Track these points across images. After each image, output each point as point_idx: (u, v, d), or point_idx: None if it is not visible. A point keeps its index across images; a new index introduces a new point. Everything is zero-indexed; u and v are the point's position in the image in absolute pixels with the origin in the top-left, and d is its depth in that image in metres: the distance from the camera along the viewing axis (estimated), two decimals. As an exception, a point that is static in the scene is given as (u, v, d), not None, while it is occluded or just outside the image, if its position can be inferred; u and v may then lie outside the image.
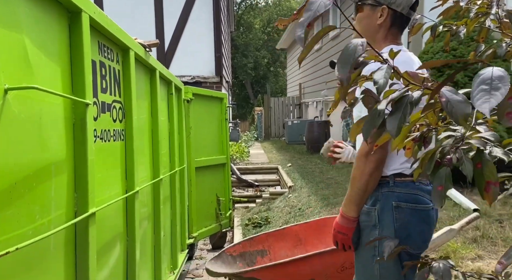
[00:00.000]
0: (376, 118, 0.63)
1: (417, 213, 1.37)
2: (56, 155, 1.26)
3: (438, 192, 0.59)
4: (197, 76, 6.46)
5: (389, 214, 1.36)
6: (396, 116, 0.63)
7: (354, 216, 1.39)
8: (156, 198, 2.67)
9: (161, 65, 2.80)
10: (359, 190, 1.36)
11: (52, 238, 1.22)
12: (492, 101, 0.51)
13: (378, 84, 0.61)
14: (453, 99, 0.59)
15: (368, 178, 1.34)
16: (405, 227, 1.35)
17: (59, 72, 1.32)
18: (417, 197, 1.37)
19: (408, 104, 0.62)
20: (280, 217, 4.64)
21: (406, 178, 1.38)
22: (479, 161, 0.58)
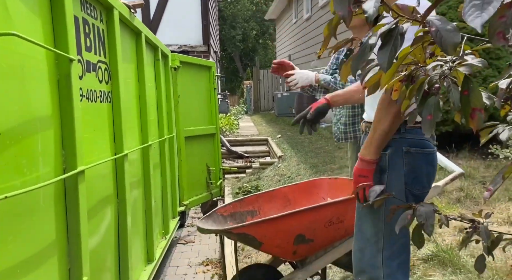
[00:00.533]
0: (365, 53, 0.63)
1: (425, 156, 1.43)
2: (41, 110, 1.24)
3: (428, 121, 0.60)
4: (184, 45, 6.33)
5: (400, 158, 1.41)
6: (386, 49, 0.62)
7: (373, 159, 1.40)
8: (145, 164, 2.67)
9: (147, 29, 2.73)
10: (383, 132, 1.36)
11: (42, 192, 1.22)
12: (484, 16, 0.50)
13: (368, 14, 0.60)
14: (443, 28, 0.58)
15: (392, 119, 1.34)
16: (414, 169, 1.41)
17: (39, 25, 1.28)
18: (424, 142, 1.43)
19: (398, 36, 0.61)
20: (270, 185, 4.71)
21: (415, 124, 1.41)
22: (466, 88, 0.59)
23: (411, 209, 1.06)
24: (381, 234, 1.41)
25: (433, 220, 1.02)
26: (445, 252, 2.29)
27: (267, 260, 2.18)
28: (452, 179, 1.88)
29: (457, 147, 4.19)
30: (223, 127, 9.01)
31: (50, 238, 1.28)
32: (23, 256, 1.12)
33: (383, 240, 1.41)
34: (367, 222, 1.44)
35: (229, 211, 2.04)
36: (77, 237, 1.41)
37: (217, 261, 3.42)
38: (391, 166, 1.42)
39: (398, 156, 1.41)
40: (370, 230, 1.43)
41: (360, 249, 1.46)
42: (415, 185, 1.36)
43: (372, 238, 1.42)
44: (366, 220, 1.44)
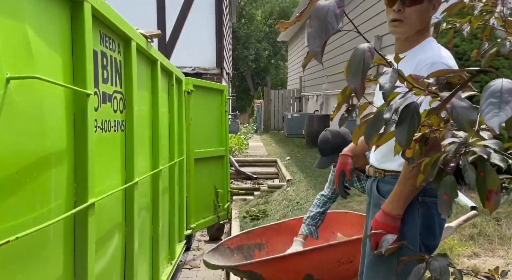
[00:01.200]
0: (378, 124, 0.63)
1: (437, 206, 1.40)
2: (56, 145, 1.26)
3: (444, 201, 0.59)
4: (198, 67, 6.43)
5: (415, 209, 1.38)
6: (404, 127, 0.61)
7: (400, 214, 1.35)
8: (155, 189, 2.67)
9: (162, 56, 2.79)
10: (413, 187, 1.31)
11: (52, 228, 1.22)
12: (501, 116, 0.50)
13: (384, 89, 0.60)
14: (459, 105, 0.58)
15: None
16: (427, 220, 1.38)
17: (60, 61, 1.31)
18: None
19: (415, 115, 0.61)
20: (278, 210, 4.66)
21: None
22: (482, 169, 0.58)
23: (423, 262, 1.04)
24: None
25: (448, 276, 0.99)
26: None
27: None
28: (465, 220, 1.85)
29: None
30: (233, 147, 9.03)
31: (57, 273, 1.28)
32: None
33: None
34: (380, 273, 1.39)
35: (236, 243, 2.03)
36: (84, 271, 1.41)
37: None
38: (406, 216, 1.38)
39: (414, 206, 1.38)
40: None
41: None
42: (428, 235, 1.34)
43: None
44: (378, 270, 1.40)
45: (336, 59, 8.99)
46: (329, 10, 0.60)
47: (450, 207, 0.60)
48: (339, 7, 0.60)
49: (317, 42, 0.61)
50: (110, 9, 1.70)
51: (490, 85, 0.55)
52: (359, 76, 0.60)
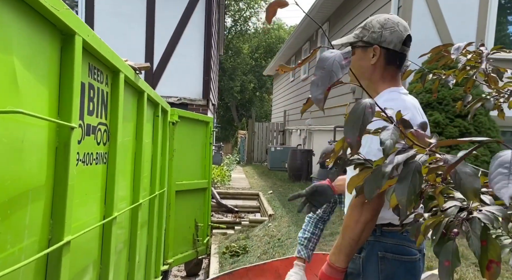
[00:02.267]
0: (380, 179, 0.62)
1: (403, 264, 1.34)
2: (35, 180, 1.21)
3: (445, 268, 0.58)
4: (184, 98, 6.45)
5: (374, 264, 1.34)
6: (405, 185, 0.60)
7: (343, 267, 1.31)
8: (133, 223, 2.58)
9: (149, 87, 2.78)
10: (352, 240, 1.29)
11: (22, 269, 1.15)
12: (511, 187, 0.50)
13: (384, 145, 0.60)
14: (462, 171, 0.58)
15: (363, 227, 1.27)
16: (391, 278, 1.32)
17: (46, 94, 1.28)
18: (403, 248, 1.35)
19: (416, 174, 0.60)
20: (258, 246, 4.56)
21: (394, 227, 1.35)
22: (484, 238, 0.57)
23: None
24: None
25: None
26: None
27: None
28: (448, 266, 1.83)
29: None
30: (215, 178, 8.93)
31: (23, 319, 1.19)
32: None
33: None
34: None
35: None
36: (53, 315, 1.31)
37: (198, 330, 3.20)
38: (365, 272, 1.34)
39: (372, 261, 1.34)
40: None
41: None
42: None
43: None
44: None
45: (320, 95, 9.19)
46: (334, 61, 0.61)
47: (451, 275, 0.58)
48: (345, 58, 0.61)
49: (320, 89, 0.61)
50: (101, 42, 1.70)
51: (499, 155, 0.55)
52: (357, 132, 0.60)
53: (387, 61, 1.41)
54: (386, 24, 1.39)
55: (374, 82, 1.43)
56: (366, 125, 0.60)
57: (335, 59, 0.61)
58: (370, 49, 1.41)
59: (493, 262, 0.56)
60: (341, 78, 0.62)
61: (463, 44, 1.19)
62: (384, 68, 1.42)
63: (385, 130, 0.61)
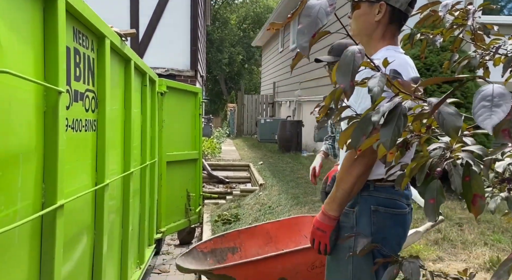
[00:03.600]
0: (367, 126, 0.64)
1: (394, 217, 1.40)
2: (24, 143, 1.21)
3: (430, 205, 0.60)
4: (172, 69, 6.35)
5: (367, 217, 1.39)
6: (389, 127, 0.62)
7: (335, 215, 1.38)
8: (125, 192, 2.61)
9: (136, 55, 2.73)
10: (345, 192, 1.34)
11: (17, 230, 1.17)
12: (493, 118, 0.52)
13: (372, 92, 0.61)
14: (445, 111, 0.60)
15: (355, 180, 1.32)
16: (382, 230, 1.38)
17: (31, 57, 1.26)
18: (395, 202, 1.40)
19: (401, 117, 0.62)
20: (250, 214, 4.66)
21: (387, 182, 1.39)
22: (467, 174, 0.60)
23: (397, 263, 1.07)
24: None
25: (419, 276, 1.03)
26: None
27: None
28: (433, 225, 1.91)
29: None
30: (205, 151, 8.95)
31: (21, 277, 1.22)
32: (-8, 299, 1.06)
33: None
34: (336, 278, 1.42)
35: (210, 247, 2.00)
36: (50, 275, 1.35)
37: (193, 294, 3.31)
38: (358, 224, 1.40)
39: (365, 214, 1.39)
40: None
41: None
42: (384, 246, 1.31)
43: None
44: (335, 277, 1.43)
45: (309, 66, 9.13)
46: (320, 7, 0.61)
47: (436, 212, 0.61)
48: (330, 4, 0.61)
49: (305, 37, 0.62)
50: (85, 6, 1.65)
51: (481, 90, 0.57)
52: (348, 76, 0.61)
53: (390, 20, 1.41)
54: None
55: (374, 39, 1.43)
56: (357, 69, 0.61)
57: (321, 6, 0.61)
58: (377, 5, 1.40)
59: (478, 196, 0.59)
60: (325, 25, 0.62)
61: (451, 2, 1.19)
62: (387, 26, 1.42)
63: (372, 78, 0.63)
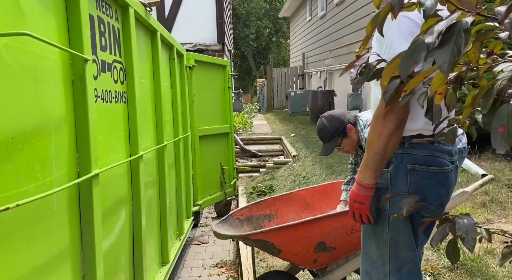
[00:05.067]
0: (419, 52, 0.54)
1: (434, 175, 1.29)
2: (54, 112, 1.20)
3: (499, 134, 0.51)
4: (199, 44, 6.29)
5: (403, 177, 1.28)
6: (447, 48, 0.53)
7: (371, 183, 1.28)
8: (160, 164, 2.63)
9: (162, 27, 2.69)
10: (377, 154, 1.23)
11: (55, 198, 1.18)
12: None
13: (425, 7, 0.52)
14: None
15: (386, 140, 1.20)
16: (421, 190, 1.27)
17: (54, 24, 1.23)
18: (434, 159, 1.29)
19: (462, 34, 0.52)
20: (284, 185, 4.63)
21: (424, 138, 1.29)
22: None
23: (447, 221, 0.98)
24: (387, 258, 1.31)
25: (475, 233, 0.94)
26: (473, 260, 2.19)
27: (284, 267, 2.11)
28: (481, 184, 1.79)
29: (479, 148, 4.04)
30: (237, 126, 8.96)
31: (63, 244, 1.24)
32: (35, 263, 1.08)
33: (389, 264, 1.30)
34: (372, 244, 1.34)
35: (246, 214, 1.98)
36: (91, 243, 1.37)
37: (232, 263, 3.37)
38: (393, 185, 1.29)
39: (401, 174, 1.28)
40: (376, 253, 1.33)
41: (366, 271, 1.36)
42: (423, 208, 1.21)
43: (378, 261, 1.32)
44: (371, 242, 1.34)
45: (339, 32, 8.78)
46: None
47: (508, 141, 0.51)
48: None
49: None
50: (105, -29, 1.60)
51: None
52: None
53: None
54: None
55: None
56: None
57: None
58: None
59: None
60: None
61: None
62: None
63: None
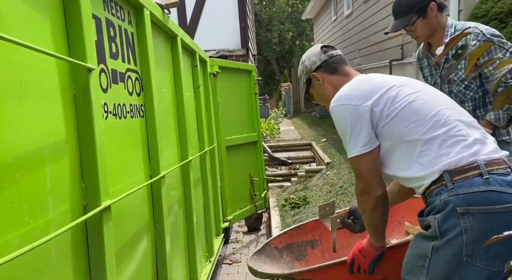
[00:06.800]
0: None
1: (498, 216, 1.02)
2: (49, 136, 0.96)
3: None
4: (222, 49, 6.09)
5: (455, 223, 1.04)
6: None
7: (379, 246, 1.34)
8: (186, 182, 2.39)
9: (182, 31, 2.46)
10: (368, 226, 1.32)
11: (52, 244, 0.94)
12: None
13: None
14: None
15: (370, 215, 1.28)
16: (481, 238, 1.01)
17: (48, 27, 1.00)
18: (492, 195, 1.03)
19: None
20: (319, 196, 4.31)
21: (468, 173, 1.06)
22: None
23: None
24: None
25: None
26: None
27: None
28: None
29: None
30: (264, 132, 8.71)
31: (66, 300, 1.00)
32: None
33: None
34: None
35: (285, 242, 1.70)
36: (104, 290, 1.12)
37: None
38: (443, 234, 1.07)
39: (452, 220, 1.05)
40: None
41: None
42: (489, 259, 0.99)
43: None
44: None
45: (367, 30, 8.39)
46: None
47: None
48: None
49: None
50: (113, -34, 1.38)
51: None
52: None
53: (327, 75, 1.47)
54: None
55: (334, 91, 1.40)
56: None
57: None
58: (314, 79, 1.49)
59: None
60: None
61: None
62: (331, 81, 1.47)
63: None
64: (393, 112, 1.19)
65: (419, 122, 1.16)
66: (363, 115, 1.20)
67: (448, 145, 1.11)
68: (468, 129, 1.15)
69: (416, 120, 1.17)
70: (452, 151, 1.10)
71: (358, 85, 1.29)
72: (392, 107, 1.20)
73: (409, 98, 1.20)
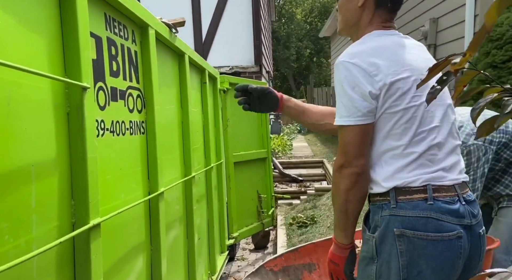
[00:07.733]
0: None
1: (432, 244, 1.00)
2: (37, 154, 0.97)
3: None
4: (236, 66, 6.15)
5: (390, 245, 1.03)
6: None
7: (344, 243, 1.18)
8: (188, 198, 2.38)
9: (191, 49, 2.50)
10: (339, 212, 1.15)
11: (35, 263, 0.93)
12: None
13: None
14: None
15: (345, 196, 1.11)
16: (415, 262, 1.00)
17: (43, 47, 1.03)
18: (430, 222, 1.01)
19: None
20: (328, 216, 4.24)
21: (414, 195, 1.04)
22: None
23: None
24: None
25: None
26: None
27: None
28: None
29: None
30: (276, 148, 8.68)
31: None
32: None
33: None
34: None
35: (281, 264, 1.66)
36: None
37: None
38: (379, 255, 1.05)
39: (388, 241, 1.04)
40: None
41: None
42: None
43: None
44: None
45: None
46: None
47: None
48: None
49: None
50: (116, -13, 1.41)
51: None
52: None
53: (377, 3, 1.22)
54: None
55: (361, 28, 1.25)
56: None
57: None
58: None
59: None
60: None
61: None
62: (374, 11, 1.23)
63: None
64: (394, 108, 1.09)
65: (407, 131, 1.09)
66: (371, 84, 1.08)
67: (414, 166, 1.07)
68: (444, 155, 1.10)
69: (407, 128, 1.09)
70: (414, 172, 1.07)
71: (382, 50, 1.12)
72: (397, 102, 1.08)
73: (415, 102, 1.09)
